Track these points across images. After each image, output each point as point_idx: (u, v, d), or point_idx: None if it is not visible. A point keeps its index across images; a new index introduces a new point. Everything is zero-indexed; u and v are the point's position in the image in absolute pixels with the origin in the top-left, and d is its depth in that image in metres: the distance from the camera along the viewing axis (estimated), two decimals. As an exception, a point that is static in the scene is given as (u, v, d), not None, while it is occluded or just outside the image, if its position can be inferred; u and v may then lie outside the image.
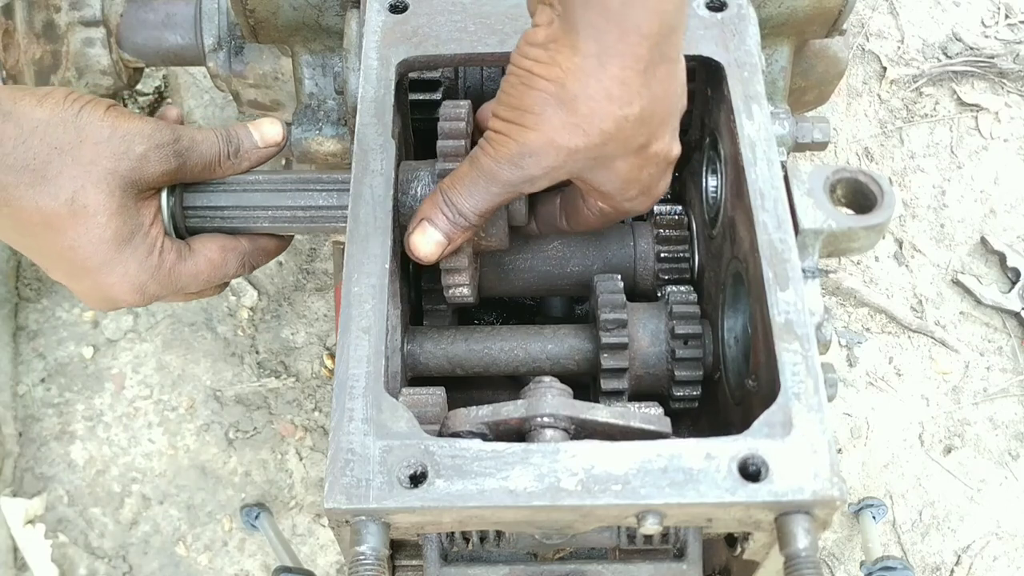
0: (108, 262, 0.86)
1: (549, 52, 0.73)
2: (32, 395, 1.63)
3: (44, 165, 0.82)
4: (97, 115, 0.85)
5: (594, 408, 0.75)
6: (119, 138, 0.85)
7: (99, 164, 0.83)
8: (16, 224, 0.84)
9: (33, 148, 0.82)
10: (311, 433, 1.62)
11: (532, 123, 0.75)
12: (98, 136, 0.84)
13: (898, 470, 1.62)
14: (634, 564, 0.79)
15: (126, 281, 0.87)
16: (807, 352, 0.72)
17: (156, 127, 0.87)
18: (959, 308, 1.72)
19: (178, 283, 0.90)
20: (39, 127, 0.83)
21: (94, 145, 0.84)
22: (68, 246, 0.84)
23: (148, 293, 0.89)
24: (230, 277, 0.94)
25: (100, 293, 0.89)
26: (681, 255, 0.98)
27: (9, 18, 1.27)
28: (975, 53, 1.89)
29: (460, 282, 0.85)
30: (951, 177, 1.82)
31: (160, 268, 0.88)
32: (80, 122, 0.84)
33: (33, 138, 0.82)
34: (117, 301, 0.89)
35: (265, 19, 1.10)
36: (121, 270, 0.86)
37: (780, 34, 1.12)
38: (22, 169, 0.82)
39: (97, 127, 0.84)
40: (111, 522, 1.57)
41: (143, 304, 0.91)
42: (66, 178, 0.83)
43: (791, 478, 0.67)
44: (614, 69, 0.71)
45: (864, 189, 0.81)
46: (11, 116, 0.82)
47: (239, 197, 0.91)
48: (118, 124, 0.85)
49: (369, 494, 0.68)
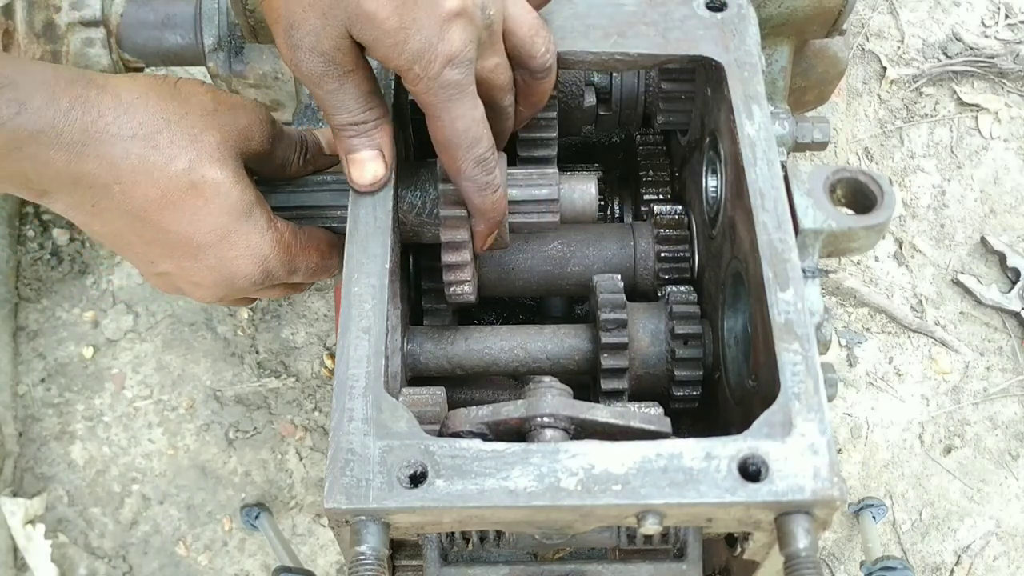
0: (231, 234, 0.81)
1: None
2: (32, 395, 1.63)
3: (154, 135, 0.77)
4: (196, 88, 0.82)
5: (594, 408, 0.75)
6: (225, 110, 0.82)
7: (210, 134, 0.80)
8: (127, 203, 0.79)
9: (138, 117, 0.77)
10: (311, 433, 1.62)
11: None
12: (203, 108, 0.81)
13: (898, 470, 1.62)
14: (634, 564, 0.79)
15: (249, 253, 0.83)
16: (807, 352, 0.72)
17: (255, 104, 0.85)
18: (959, 308, 1.72)
19: (294, 263, 0.86)
20: (140, 97, 0.78)
21: (201, 116, 0.80)
22: (187, 221, 0.80)
23: (269, 269, 0.84)
24: (331, 273, 0.91)
25: (220, 271, 0.83)
26: (681, 255, 0.98)
27: (9, 18, 1.27)
28: (975, 53, 1.89)
29: (462, 278, 0.85)
30: (951, 177, 1.82)
31: (281, 241, 0.84)
32: (181, 94, 0.81)
33: (136, 108, 0.77)
34: (236, 279, 0.84)
35: (265, 19, 1.09)
36: (244, 242, 0.82)
37: (780, 34, 1.12)
38: (131, 139, 0.77)
39: (200, 99, 0.81)
40: (111, 522, 1.57)
41: (260, 285, 0.86)
42: (179, 148, 0.78)
43: (791, 478, 0.67)
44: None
45: (864, 189, 0.81)
46: (107, 88, 0.77)
47: (309, 196, 0.90)
48: (220, 97, 0.83)
49: (369, 494, 0.68)
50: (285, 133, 0.87)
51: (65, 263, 1.71)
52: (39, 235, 1.73)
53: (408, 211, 0.85)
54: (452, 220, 0.83)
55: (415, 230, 0.86)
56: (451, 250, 0.84)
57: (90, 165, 0.76)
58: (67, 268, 1.71)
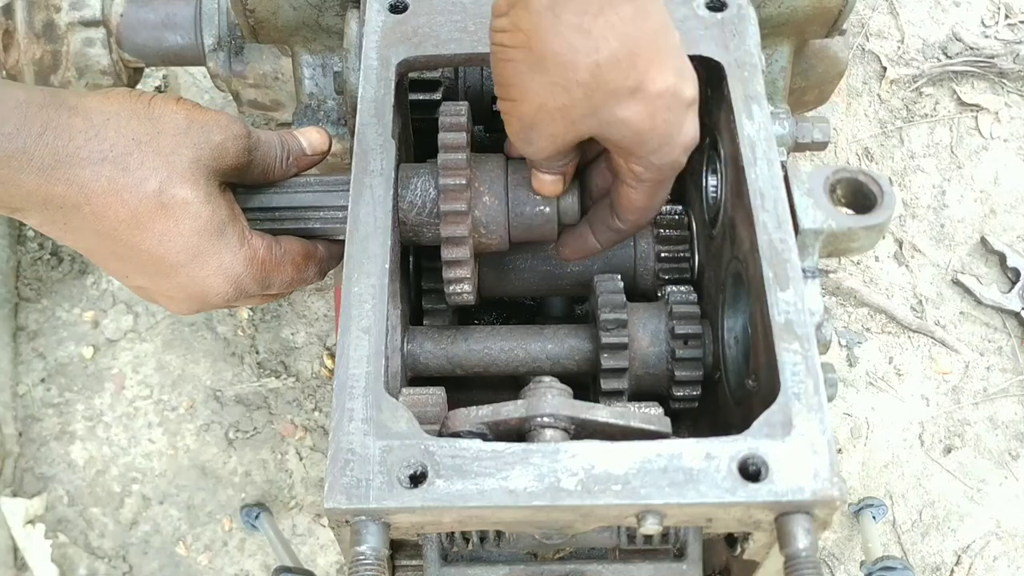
0: (202, 254, 0.82)
1: (511, 18, 0.72)
2: (32, 395, 1.63)
3: (124, 156, 0.78)
4: (169, 107, 0.81)
5: (594, 408, 0.75)
6: (197, 128, 0.81)
7: (181, 154, 0.80)
8: (97, 224, 0.79)
9: (109, 139, 0.77)
10: (311, 433, 1.62)
11: (518, 95, 0.75)
12: (175, 127, 0.80)
13: (898, 470, 1.62)
14: (634, 564, 0.79)
15: (221, 273, 0.83)
16: (807, 352, 0.72)
17: (230, 119, 0.84)
18: (959, 308, 1.72)
19: (268, 279, 0.86)
20: (111, 119, 0.78)
21: (173, 136, 0.80)
22: (157, 241, 0.80)
23: (242, 286, 0.85)
24: (308, 283, 0.91)
25: (192, 289, 0.84)
26: (681, 255, 0.98)
27: (9, 18, 1.27)
28: (975, 53, 1.89)
29: (461, 275, 0.85)
30: (951, 177, 1.82)
31: (254, 259, 0.84)
32: (154, 113, 0.80)
33: (107, 130, 0.78)
34: (208, 296, 0.85)
35: (265, 19, 1.10)
36: (216, 261, 0.82)
37: (780, 34, 1.12)
38: (100, 162, 0.77)
39: (172, 118, 0.81)
40: (111, 522, 1.57)
41: (233, 301, 0.86)
42: (149, 169, 0.78)
43: (791, 478, 0.67)
44: (569, 17, 0.70)
45: (864, 189, 0.81)
46: (78, 110, 0.77)
47: (291, 198, 0.90)
48: (193, 115, 0.82)
49: (369, 494, 0.68)
50: (263, 141, 0.87)
51: (65, 263, 1.71)
52: (39, 235, 1.73)
53: (408, 211, 0.85)
54: (452, 215, 0.82)
55: (415, 230, 0.86)
56: (451, 246, 0.83)
57: (60, 188, 0.76)
58: (67, 268, 1.71)
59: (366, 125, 0.85)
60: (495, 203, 0.85)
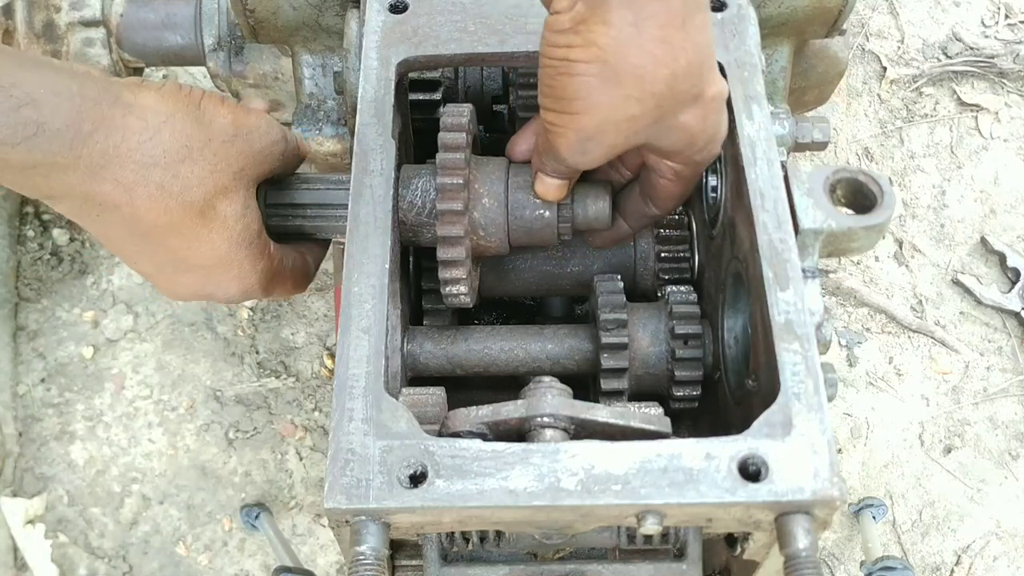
0: (226, 262, 0.82)
1: (581, 34, 0.71)
2: (32, 395, 1.63)
3: (176, 163, 0.77)
4: (219, 111, 0.81)
5: (594, 408, 0.75)
6: (243, 136, 0.81)
7: (228, 164, 0.80)
8: (132, 225, 0.78)
9: (163, 143, 0.76)
10: (311, 433, 1.62)
11: (583, 108, 0.74)
12: (223, 133, 0.80)
13: (898, 470, 1.62)
14: (634, 564, 0.79)
15: (237, 281, 0.84)
16: (807, 352, 0.72)
17: (269, 123, 0.84)
18: (959, 308, 1.72)
19: (271, 289, 0.88)
20: (167, 121, 0.77)
21: (221, 144, 0.80)
22: (187, 245, 0.80)
23: (249, 292, 0.86)
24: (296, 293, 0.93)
25: (204, 287, 0.85)
26: (681, 255, 0.98)
27: (9, 18, 1.27)
28: (975, 53, 1.89)
29: (457, 276, 0.85)
30: (951, 177, 1.82)
31: (268, 271, 0.86)
32: (204, 117, 0.80)
33: (162, 133, 0.76)
34: (215, 294, 0.86)
35: (265, 19, 1.10)
36: (236, 270, 0.83)
37: (780, 34, 1.12)
38: (151, 166, 0.76)
39: (221, 124, 0.80)
40: (111, 522, 1.57)
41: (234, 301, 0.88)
42: (196, 179, 0.78)
43: (791, 478, 0.67)
44: (653, 31, 0.70)
45: (864, 189, 0.81)
46: (134, 109, 0.76)
47: (321, 195, 0.90)
48: (239, 120, 0.82)
49: (369, 494, 0.68)
50: (290, 142, 0.88)
51: (65, 263, 1.71)
52: (39, 235, 1.73)
53: (408, 211, 0.85)
54: (448, 215, 0.82)
55: (415, 230, 0.86)
56: (447, 246, 0.83)
57: (106, 187, 0.75)
58: (67, 268, 1.71)
59: (366, 125, 0.85)
60: (494, 205, 0.85)
